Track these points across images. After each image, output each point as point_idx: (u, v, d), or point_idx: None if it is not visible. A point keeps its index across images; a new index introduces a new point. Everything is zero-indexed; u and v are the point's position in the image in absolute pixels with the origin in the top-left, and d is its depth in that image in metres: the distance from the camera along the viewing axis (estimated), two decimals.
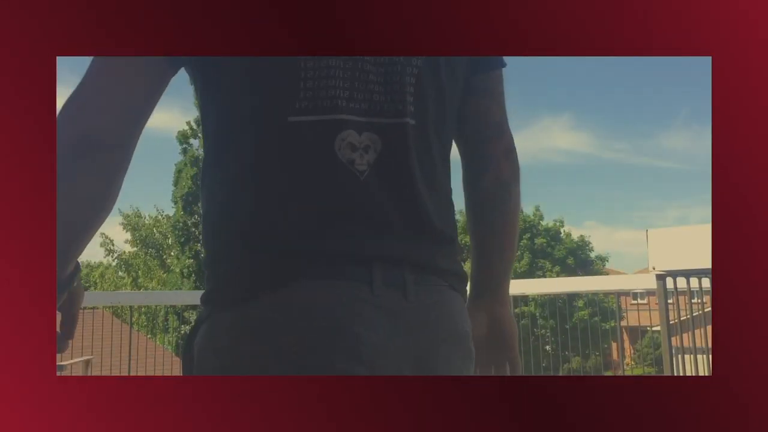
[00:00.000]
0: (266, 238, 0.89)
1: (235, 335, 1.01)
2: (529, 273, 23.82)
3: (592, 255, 27.01)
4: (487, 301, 1.08)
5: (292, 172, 0.89)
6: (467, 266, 1.10)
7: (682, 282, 2.84)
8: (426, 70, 1.06)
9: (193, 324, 1.08)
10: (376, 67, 1.02)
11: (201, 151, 17.60)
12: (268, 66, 0.99)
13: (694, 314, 2.87)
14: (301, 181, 0.89)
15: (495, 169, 1.13)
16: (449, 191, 1.10)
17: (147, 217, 21.40)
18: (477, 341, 1.13)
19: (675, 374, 2.80)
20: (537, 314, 20.17)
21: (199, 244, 17.52)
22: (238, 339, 1.01)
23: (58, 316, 1.36)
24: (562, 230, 26.58)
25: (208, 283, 1.00)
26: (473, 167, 1.16)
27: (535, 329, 20.86)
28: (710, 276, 2.23)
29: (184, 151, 19.07)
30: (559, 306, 15.57)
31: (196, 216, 18.28)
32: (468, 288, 1.07)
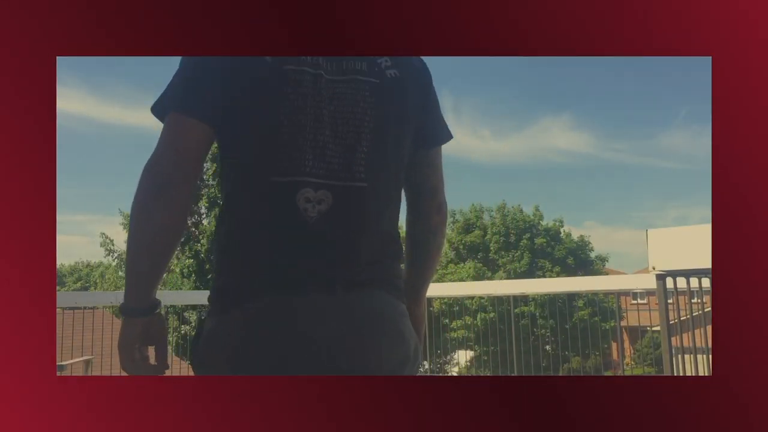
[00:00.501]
0: (244, 259, 1.29)
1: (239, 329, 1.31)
2: (529, 273, 23.80)
3: (592, 255, 26.98)
4: (410, 301, 1.48)
5: (270, 215, 1.25)
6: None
7: (682, 282, 2.84)
8: (374, 147, 1.30)
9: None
10: (335, 140, 1.27)
11: None
12: (258, 142, 1.28)
13: (694, 314, 2.87)
14: (275, 222, 1.25)
15: (426, 221, 1.50)
16: (391, 232, 1.38)
17: None
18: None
19: (675, 374, 2.80)
20: (537, 314, 20.16)
21: (198, 244, 17.54)
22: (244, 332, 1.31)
23: (151, 349, 1.49)
24: (561, 230, 26.56)
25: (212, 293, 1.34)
26: (412, 217, 1.51)
27: (535, 329, 20.83)
28: (710, 276, 2.22)
29: None
30: (559, 306, 15.58)
31: (196, 216, 18.31)
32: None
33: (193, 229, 17.99)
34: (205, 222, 18.04)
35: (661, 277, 2.82)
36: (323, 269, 1.25)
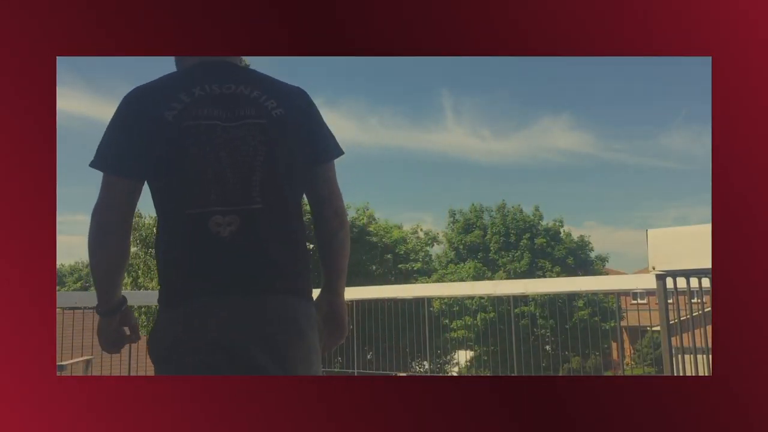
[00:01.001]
0: (177, 274, 1.61)
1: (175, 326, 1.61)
2: (529, 273, 23.77)
3: (592, 255, 26.96)
4: (327, 293, 1.85)
5: (189, 239, 1.57)
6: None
7: (682, 282, 2.84)
8: (266, 175, 1.59)
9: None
10: (233, 170, 1.55)
11: None
12: (171, 185, 1.58)
13: (694, 314, 2.87)
14: (194, 244, 1.56)
15: (325, 225, 1.81)
16: (297, 242, 1.70)
17: (147, 217, 21.43)
18: (322, 314, 1.83)
19: (675, 374, 2.80)
20: (537, 314, 20.14)
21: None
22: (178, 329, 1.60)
23: (124, 330, 1.82)
24: (561, 230, 26.52)
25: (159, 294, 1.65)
26: (315, 223, 1.83)
27: (535, 329, 20.82)
28: (710, 276, 2.22)
29: None
30: (559, 306, 15.57)
31: None
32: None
33: None
34: None
35: (661, 277, 2.82)
36: (239, 277, 1.55)
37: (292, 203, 1.67)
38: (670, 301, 2.87)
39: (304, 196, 1.82)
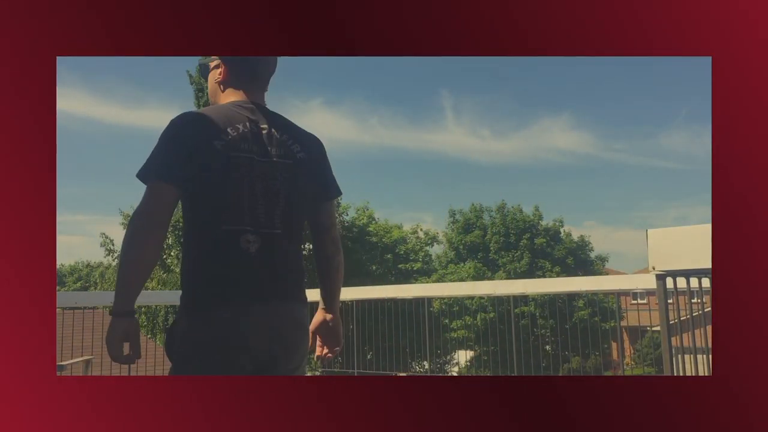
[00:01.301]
0: (208, 279, 1.84)
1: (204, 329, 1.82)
2: (529, 273, 23.75)
3: (592, 255, 26.96)
4: (327, 311, 2.14)
5: (223, 250, 1.82)
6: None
7: (682, 282, 2.84)
8: (287, 206, 1.89)
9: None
10: (264, 199, 1.85)
11: None
12: (214, 203, 1.82)
13: (694, 314, 2.87)
14: (226, 256, 1.81)
15: (324, 250, 2.11)
16: (298, 261, 2.01)
17: None
18: (322, 329, 2.15)
19: (675, 374, 2.80)
20: (537, 314, 20.15)
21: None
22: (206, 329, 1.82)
23: (126, 345, 1.86)
24: (561, 230, 26.51)
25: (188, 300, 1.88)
26: (316, 248, 2.12)
27: (535, 329, 20.82)
28: (710, 276, 2.22)
29: None
30: (559, 306, 15.57)
31: None
32: (321, 302, 2.18)
33: None
34: None
35: (661, 277, 2.82)
36: (260, 288, 1.85)
37: (299, 230, 2.00)
38: (670, 301, 2.87)
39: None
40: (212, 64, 2.06)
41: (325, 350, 2.16)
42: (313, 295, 2.10)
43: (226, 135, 1.81)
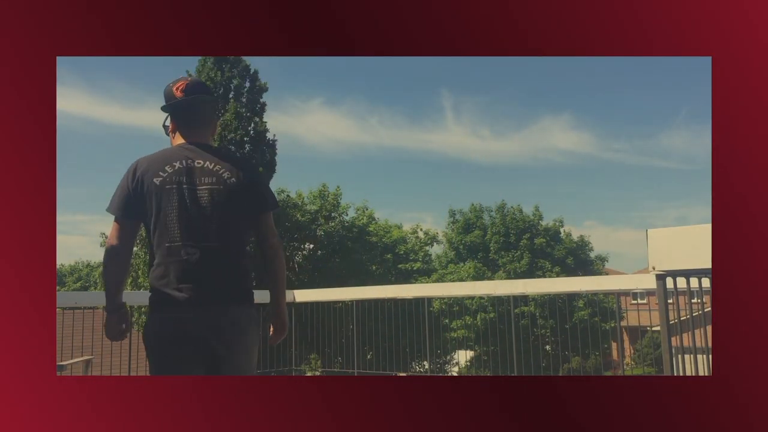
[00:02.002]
0: (159, 285, 2.32)
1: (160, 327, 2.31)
2: (529, 273, 23.72)
3: (592, 255, 26.93)
4: (272, 303, 2.48)
5: (168, 261, 2.28)
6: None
7: (682, 282, 2.84)
8: (219, 223, 2.29)
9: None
10: (199, 222, 2.27)
11: None
12: (159, 225, 2.29)
13: (694, 314, 2.87)
14: (172, 267, 2.28)
15: (264, 256, 2.45)
16: (241, 267, 2.39)
17: None
18: (270, 320, 2.50)
19: (675, 374, 2.80)
20: (537, 314, 20.14)
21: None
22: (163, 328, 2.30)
23: (119, 327, 2.42)
24: (561, 230, 26.49)
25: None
26: (259, 253, 2.48)
27: (535, 329, 20.80)
28: (710, 276, 2.22)
29: None
30: (559, 306, 15.56)
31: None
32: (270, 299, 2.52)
33: None
34: None
35: (661, 277, 2.82)
36: (195, 290, 2.26)
37: (238, 242, 2.39)
38: (670, 301, 2.87)
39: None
40: (169, 123, 2.54)
41: (271, 334, 2.57)
42: (309, 295, 2.17)
43: (163, 172, 2.32)
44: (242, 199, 2.35)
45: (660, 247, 2.80)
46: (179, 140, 2.43)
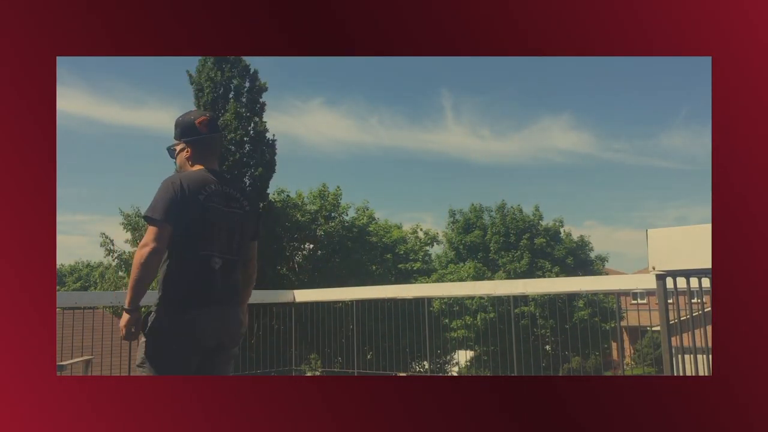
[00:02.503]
0: (186, 286, 2.67)
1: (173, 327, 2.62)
2: (529, 273, 23.69)
3: (592, 255, 26.89)
4: (243, 311, 2.89)
5: (200, 268, 2.64)
6: None
7: (682, 282, 2.84)
8: (239, 241, 2.73)
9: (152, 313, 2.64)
10: (226, 238, 2.68)
11: None
12: (195, 236, 2.61)
13: (694, 314, 2.87)
14: (200, 273, 2.63)
15: (247, 271, 2.90)
16: (239, 279, 2.84)
17: None
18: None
19: (675, 374, 2.80)
20: (537, 314, 20.14)
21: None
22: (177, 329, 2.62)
23: (137, 327, 2.58)
24: (561, 230, 26.45)
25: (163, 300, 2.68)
26: (244, 269, 2.89)
27: (535, 329, 20.79)
28: (710, 276, 2.22)
29: None
30: (559, 306, 15.54)
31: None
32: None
33: None
34: None
35: (661, 277, 2.82)
36: (216, 292, 2.66)
37: (245, 257, 2.87)
38: (670, 301, 2.87)
39: None
40: (178, 148, 2.80)
41: None
42: (309, 295, 2.15)
43: (205, 191, 2.65)
44: (251, 225, 2.85)
45: (660, 247, 2.80)
46: (197, 167, 2.75)
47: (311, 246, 21.03)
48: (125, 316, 2.52)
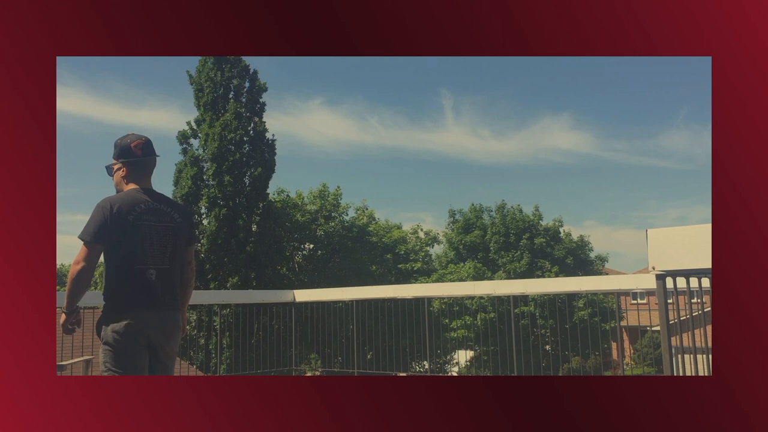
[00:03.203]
0: (124, 296, 3.05)
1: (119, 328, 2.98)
2: (529, 273, 23.68)
3: (592, 255, 26.88)
4: (182, 312, 3.27)
5: (135, 279, 3.00)
6: None
7: (682, 282, 2.84)
8: (172, 250, 3.05)
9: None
10: (158, 248, 3.00)
11: (200, 151, 17.85)
12: (128, 250, 2.95)
13: (694, 314, 2.86)
14: (137, 281, 2.99)
15: (186, 275, 3.24)
16: (178, 285, 3.19)
17: None
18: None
19: (675, 374, 2.80)
20: (537, 314, 20.14)
21: (198, 244, 17.57)
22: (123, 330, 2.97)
23: (75, 325, 2.93)
24: (561, 230, 26.43)
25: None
26: (183, 274, 3.24)
27: (535, 329, 20.79)
28: (710, 276, 2.22)
29: (184, 152, 19.00)
30: (559, 306, 15.52)
31: (196, 216, 18.32)
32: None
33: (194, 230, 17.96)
34: (204, 222, 18.04)
35: (661, 277, 2.82)
36: (154, 299, 2.96)
37: (178, 264, 3.16)
38: (670, 301, 2.87)
39: None
40: (116, 167, 3.09)
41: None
42: (309, 295, 2.12)
43: (135, 211, 2.97)
44: (182, 235, 3.16)
45: (660, 247, 2.80)
46: (132, 186, 3.09)
47: (311, 246, 21.03)
48: (63, 316, 2.93)
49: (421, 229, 25.93)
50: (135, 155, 3.01)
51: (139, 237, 2.96)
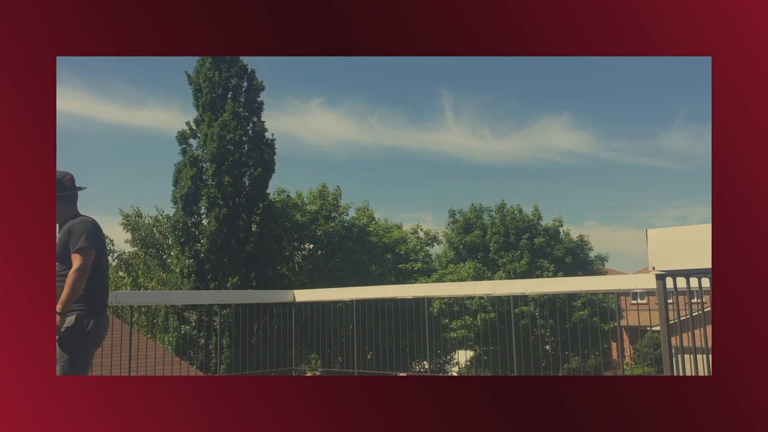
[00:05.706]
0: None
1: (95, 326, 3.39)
2: (528, 272, 23.66)
3: (592, 255, 26.86)
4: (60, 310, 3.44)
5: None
6: None
7: (682, 282, 2.84)
8: (64, 254, 3.03)
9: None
10: (61, 257, 3.04)
11: (199, 152, 17.78)
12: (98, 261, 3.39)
13: (694, 314, 2.86)
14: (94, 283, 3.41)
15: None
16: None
17: (147, 217, 21.40)
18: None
19: (675, 374, 2.80)
20: (537, 314, 20.13)
21: (198, 244, 17.53)
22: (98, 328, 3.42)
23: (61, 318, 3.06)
24: (561, 230, 26.41)
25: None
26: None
27: (535, 329, 20.78)
28: (710, 276, 2.22)
29: (184, 152, 18.94)
30: (559, 306, 15.51)
31: (196, 216, 18.29)
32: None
33: (194, 230, 17.90)
34: (204, 222, 17.99)
35: (661, 277, 2.82)
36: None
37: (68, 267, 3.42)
38: (670, 301, 2.87)
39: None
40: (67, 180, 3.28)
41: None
42: (309, 295, 2.10)
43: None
44: (67, 245, 3.32)
45: (660, 247, 2.80)
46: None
47: (311, 246, 21.00)
48: (62, 318, 3.15)
49: (421, 229, 25.93)
50: (67, 188, 3.35)
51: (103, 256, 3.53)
